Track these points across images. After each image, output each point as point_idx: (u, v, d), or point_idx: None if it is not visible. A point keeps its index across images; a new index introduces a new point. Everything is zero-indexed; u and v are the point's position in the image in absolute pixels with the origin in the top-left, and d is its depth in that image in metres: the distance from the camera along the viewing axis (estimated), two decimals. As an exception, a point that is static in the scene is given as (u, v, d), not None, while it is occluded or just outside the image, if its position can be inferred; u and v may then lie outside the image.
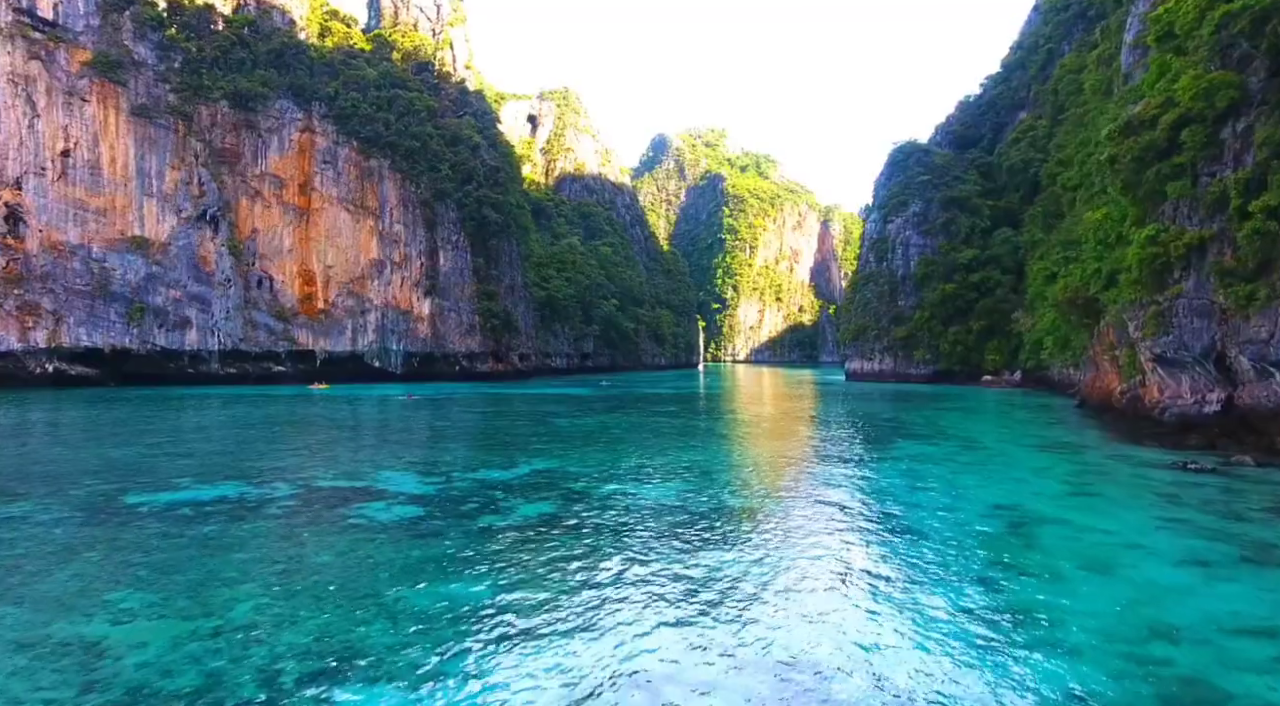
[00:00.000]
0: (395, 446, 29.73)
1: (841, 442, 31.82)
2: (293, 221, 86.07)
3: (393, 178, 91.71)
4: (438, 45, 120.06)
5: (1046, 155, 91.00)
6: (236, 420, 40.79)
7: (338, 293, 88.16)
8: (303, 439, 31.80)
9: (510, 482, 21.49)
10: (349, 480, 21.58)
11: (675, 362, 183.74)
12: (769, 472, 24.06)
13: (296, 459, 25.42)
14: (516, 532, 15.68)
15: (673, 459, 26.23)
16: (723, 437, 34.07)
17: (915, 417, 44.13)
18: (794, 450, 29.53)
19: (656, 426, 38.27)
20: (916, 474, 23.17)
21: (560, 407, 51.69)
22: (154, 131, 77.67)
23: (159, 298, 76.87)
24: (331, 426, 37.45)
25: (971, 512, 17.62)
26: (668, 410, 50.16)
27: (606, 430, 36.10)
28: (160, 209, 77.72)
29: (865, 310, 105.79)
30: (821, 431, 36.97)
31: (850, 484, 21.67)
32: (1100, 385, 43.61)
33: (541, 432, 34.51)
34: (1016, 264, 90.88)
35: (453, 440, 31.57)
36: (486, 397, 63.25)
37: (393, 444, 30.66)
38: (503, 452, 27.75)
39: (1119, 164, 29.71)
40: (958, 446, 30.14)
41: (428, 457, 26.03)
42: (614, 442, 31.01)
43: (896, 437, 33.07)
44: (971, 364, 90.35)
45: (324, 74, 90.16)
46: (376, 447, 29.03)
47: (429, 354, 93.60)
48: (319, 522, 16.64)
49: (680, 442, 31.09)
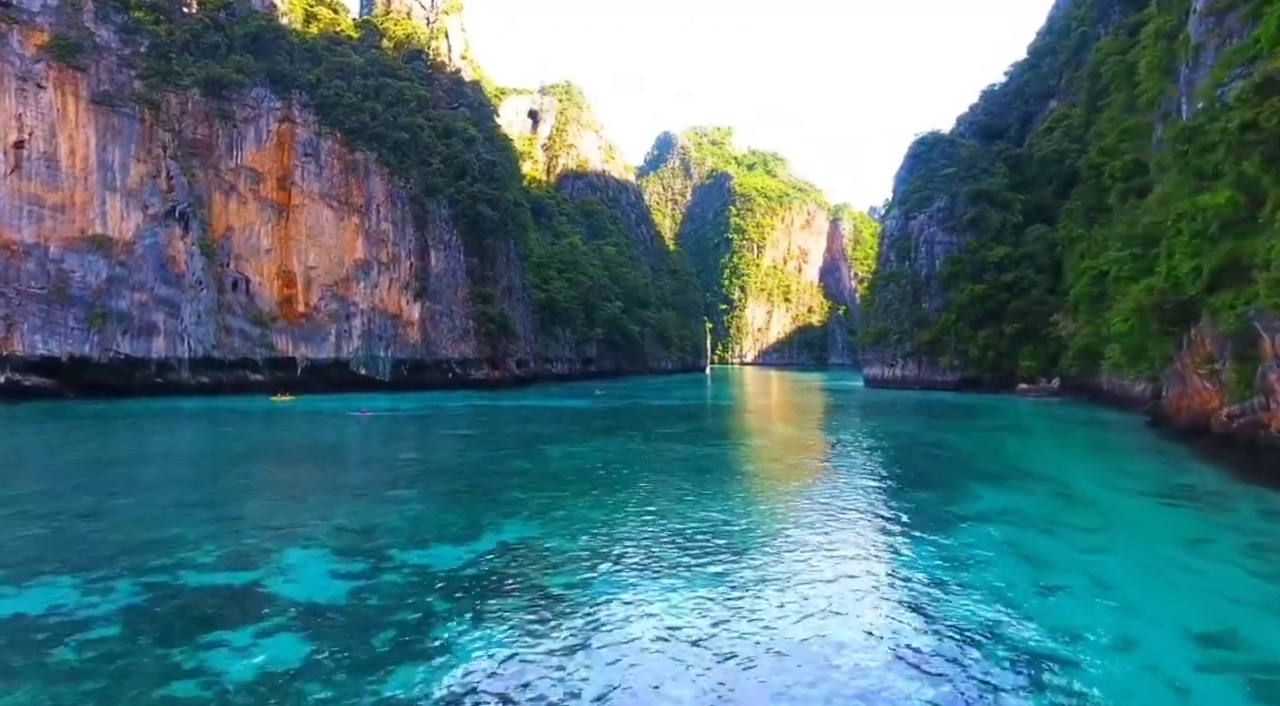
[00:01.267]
0: (327, 496, 23.30)
1: (898, 491, 25.28)
2: (271, 219, 79.81)
3: (380, 172, 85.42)
4: (432, 34, 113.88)
5: (1083, 145, 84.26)
6: (160, 448, 34.50)
7: (320, 295, 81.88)
8: (215, 482, 25.38)
9: (462, 574, 15.05)
10: (231, 569, 15.16)
11: (682, 366, 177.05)
12: (822, 560, 17.52)
13: (182, 525, 19.00)
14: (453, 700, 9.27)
15: (685, 521, 19.74)
16: (743, 480, 27.49)
17: (966, 441, 37.54)
18: (838, 501, 23.02)
19: (662, 460, 31.77)
20: (1027, 556, 16.62)
21: (553, 428, 45.26)
22: (118, 121, 71.49)
23: (123, 301, 70.67)
24: (266, 459, 31.08)
25: (1177, 663, 11.07)
26: (675, 431, 43.64)
27: (604, 466, 29.62)
28: (124, 205, 71.53)
29: (886, 312, 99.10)
30: (863, 467, 30.40)
31: (949, 590, 15.12)
32: (1189, 404, 36.94)
33: (523, 471, 28.04)
34: (1052, 262, 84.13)
35: (406, 485, 25.09)
36: (473, 412, 56.85)
37: (326, 491, 24.23)
38: (465, 508, 21.30)
39: (1256, 131, 23.11)
40: (1049, 494, 23.56)
41: (362, 519, 19.59)
42: (611, 489, 24.54)
43: (962, 479, 26.49)
44: (1003, 370, 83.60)
45: (305, 60, 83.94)
46: (301, 499, 22.59)
47: (419, 361, 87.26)
48: (130, 677, 10.22)
49: (692, 489, 24.59)
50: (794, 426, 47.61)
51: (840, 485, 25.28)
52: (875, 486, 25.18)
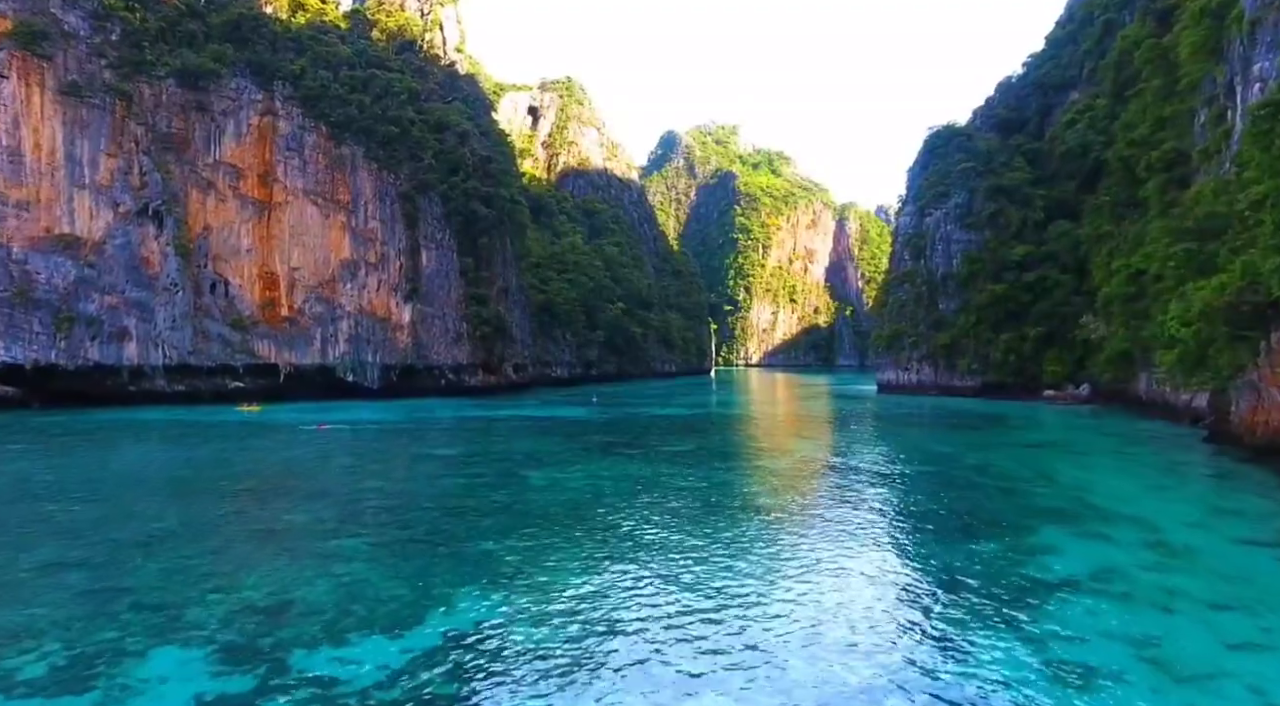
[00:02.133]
0: (245, 550, 18.88)
1: (954, 542, 20.75)
2: (251, 217, 75.57)
3: (368, 167, 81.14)
4: (426, 26, 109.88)
5: (1108, 137, 79.64)
6: (78, 473, 30.15)
7: (304, 298, 77.61)
8: (111, 529, 20.88)
9: (383, 700, 10.64)
10: (58, 690, 10.78)
11: (686, 369, 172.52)
12: (874, 662, 13.08)
13: (34, 603, 14.63)
14: None
15: (693, 595, 15.32)
16: (762, 524, 22.97)
17: (1011, 462, 33.03)
18: (885, 557, 18.61)
19: (664, 491, 27.37)
20: (1153, 655, 12.17)
21: (544, 444, 40.86)
22: (86, 113, 67.29)
23: (92, 305, 66.48)
24: (194, 490, 26.68)
25: None
26: (677, 450, 39.22)
27: (596, 500, 25.23)
28: (94, 202, 67.33)
29: (900, 314, 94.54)
30: (903, 503, 25.92)
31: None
32: (1267, 420, 32.46)
33: (499, 509, 23.64)
34: (1077, 261, 79.52)
35: (352, 531, 20.65)
36: (459, 425, 52.49)
37: (248, 541, 19.81)
38: (415, 569, 16.91)
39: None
40: (1141, 544, 19.06)
41: (277, 591, 15.21)
42: (604, 538, 20.13)
43: (1025, 519, 22.05)
44: (1027, 375, 79.02)
45: (289, 50, 79.71)
46: (209, 556, 18.14)
47: (410, 366, 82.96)
48: None
49: (701, 540, 20.15)
50: (810, 443, 43.11)
51: (882, 532, 20.82)
52: (926, 534, 20.67)
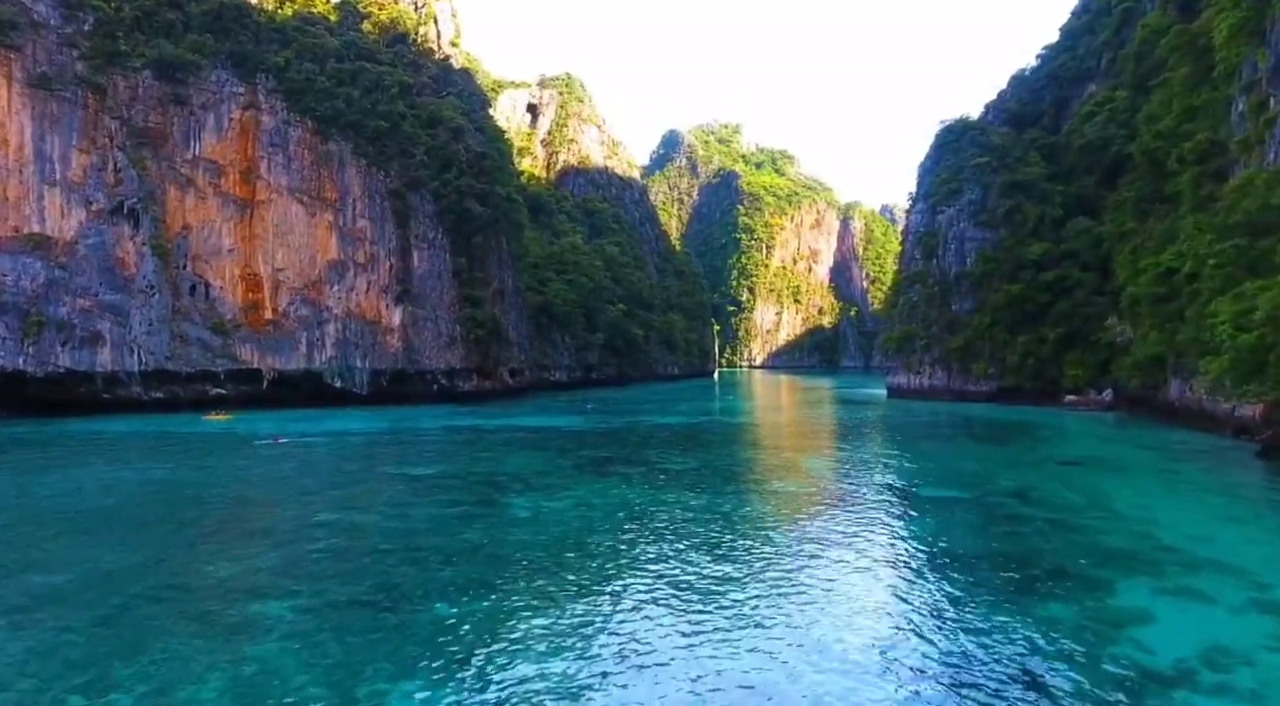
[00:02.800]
0: (147, 617, 15.33)
1: (1016, 595, 17.22)
2: (233, 216, 72.15)
3: (356, 164, 77.69)
4: (420, 20, 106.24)
5: (1130, 130, 75.98)
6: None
7: (289, 300, 74.15)
8: (3, 583, 17.52)
9: None
10: None
11: (689, 371, 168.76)
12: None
13: None
14: None
15: (695, 685, 11.78)
16: (780, 573, 19.41)
17: (1057, 487, 29.38)
18: (937, 624, 15.11)
19: (665, 523, 23.85)
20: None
21: (532, 461, 37.33)
22: (57, 107, 63.95)
23: (63, 308, 63.09)
24: (124, 527, 23.20)
25: None
26: (679, 468, 35.66)
27: (587, 537, 21.73)
28: (65, 200, 63.98)
29: (911, 315, 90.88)
30: (946, 546, 22.28)
31: None
32: (1341, 439, 28.91)
33: (468, 551, 20.11)
34: (1098, 259, 75.88)
35: (279, 589, 17.10)
36: (445, 436, 48.93)
37: (153, 607, 16.24)
38: (341, 654, 13.35)
39: None
40: (1248, 608, 15.48)
41: (156, 687, 11.69)
42: (586, 597, 16.61)
43: (1093, 566, 18.48)
44: (1045, 379, 75.27)
45: (273, 41, 76.25)
46: (104, 626, 14.65)
47: (401, 371, 79.48)
48: None
49: (710, 595, 16.65)
50: (823, 461, 39.47)
51: (929, 592, 17.24)
52: (982, 594, 17.06)
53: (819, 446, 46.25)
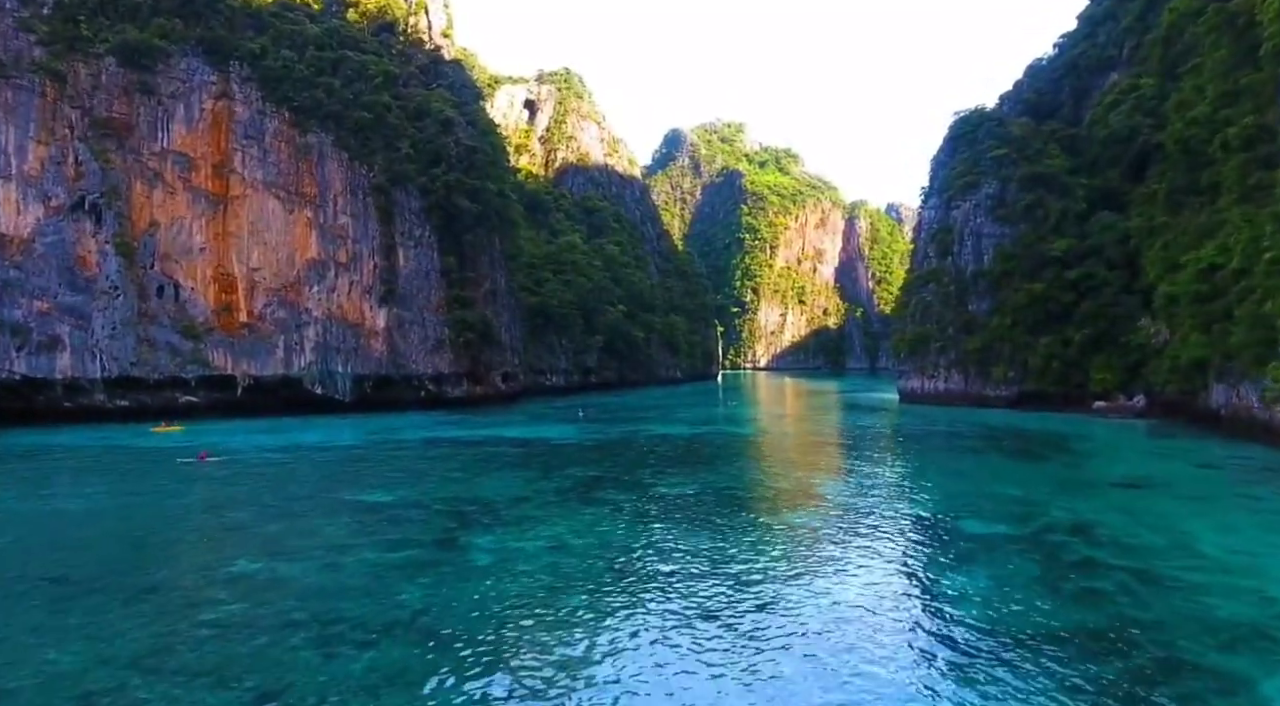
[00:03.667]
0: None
1: (1124, 695, 12.74)
2: (205, 212, 67.87)
3: (337, 157, 73.40)
4: (410, 9, 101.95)
5: (1159, 119, 71.39)
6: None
7: (265, 302, 69.84)
8: None
9: None
10: None
11: (692, 374, 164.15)
12: None
13: None
14: None
15: None
16: (786, 653, 14.94)
17: (1119, 518, 24.79)
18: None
19: (661, 565, 19.47)
20: None
21: (510, 485, 32.86)
22: (12, 95, 59.77)
23: (18, 311, 58.88)
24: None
25: None
26: (679, 492, 31.16)
27: (550, 602, 17.25)
28: (21, 195, 59.79)
29: (925, 316, 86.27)
30: (998, 609, 17.76)
31: None
32: None
33: (396, 627, 15.63)
34: (1126, 256, 71.23)
35: (127, 698, 12.68)
36: (421, 449, 44.45)
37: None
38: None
39: None
40: None
41: None
42: (569, 690, 12.13)
43: (1210, 651, 14.02)
44: (1071, 384, 70.62)
45: (247, 27, 72.05)
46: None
47: (386, 377, 75.12)
48: None
49: (700, 692, 12.16)
50: (840, 483, 34.87)
51: (999, 683, 12.71)
52: (1071, 692, 12.55)
53: (832, 464, 41.72)
